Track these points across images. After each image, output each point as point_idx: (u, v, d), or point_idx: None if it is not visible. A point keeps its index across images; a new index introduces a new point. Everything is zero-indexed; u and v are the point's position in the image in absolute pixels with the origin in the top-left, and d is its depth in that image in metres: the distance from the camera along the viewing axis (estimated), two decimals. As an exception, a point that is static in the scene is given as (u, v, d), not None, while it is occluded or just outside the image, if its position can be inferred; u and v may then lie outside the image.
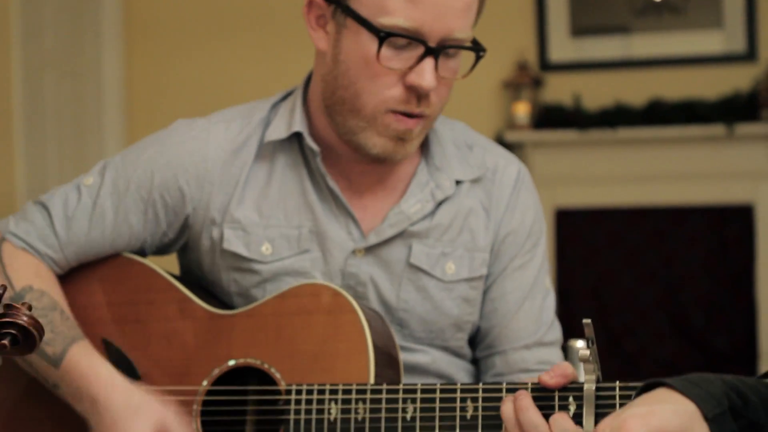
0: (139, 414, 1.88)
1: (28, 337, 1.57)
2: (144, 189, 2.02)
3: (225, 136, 2.04)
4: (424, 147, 2.07)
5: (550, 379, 1.72)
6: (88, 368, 1.92)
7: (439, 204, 2.04)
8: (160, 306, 2.02)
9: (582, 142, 5.91)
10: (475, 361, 2.14)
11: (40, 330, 1.57)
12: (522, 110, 5.82)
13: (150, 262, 2.06)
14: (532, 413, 1.68)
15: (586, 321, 1.69)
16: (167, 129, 2.09)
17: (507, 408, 1.70)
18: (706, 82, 5.86)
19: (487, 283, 2.08)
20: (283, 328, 1.93)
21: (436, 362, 2.06)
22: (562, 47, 6.00)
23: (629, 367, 5.73)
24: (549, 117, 5.89)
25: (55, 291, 2.00)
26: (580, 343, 2.30)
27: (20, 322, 1.55)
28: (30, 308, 1.57)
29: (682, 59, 5.93)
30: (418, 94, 1.91)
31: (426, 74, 1.89)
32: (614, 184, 5.93)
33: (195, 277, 2.09)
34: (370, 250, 2.02)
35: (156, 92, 6.14)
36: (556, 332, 2.12)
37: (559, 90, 5.94)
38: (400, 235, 2.02)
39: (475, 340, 2.12)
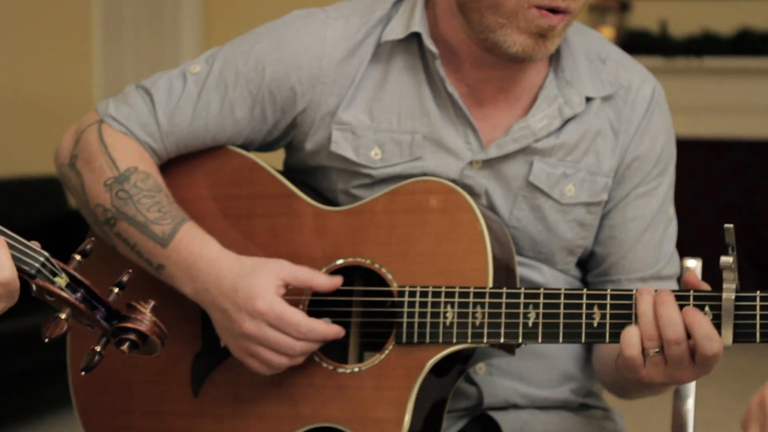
0: (258, 270, 1.79)
1: (149, 344, 1.50)
2: (253, 84, 1.91)
3: (342, 34, 1.91)
4: (554, 57, 1.92)
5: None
6: (200, 246, 1.83)
7: (567, 121, 1.90)
8: (263, 201, 1.91)
9: (667, 70, 5.77)
10: (583, 282, 2.02)
11: (163, 336, 1.50)
12: (607, 35, 5.69)
13: (252, 155, 1.95)
14: (673, 309, 1.62)
15: (728, 226, 1.60)
16: (282, 20, 1.96)
17: (645, 302, 1.64)
18: (798, 12, 5.71)
19: (606, 208, 1.95)
20: (394, 226, 1.82)
21: (548, 282, 1.95)
22: (650, -29, 5.85)
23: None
24: (634, 43, 5.76)
25: (158, 176, 1.91)
26: (691, 262, 2.20)
27: (142, 329, 1.47)
28: (155, 309, 1.50)
29: (774, -13, 5.77)
30: None
31: None
32: (697, 115, 5.80)
33: (299, 172, 1.98)
34: (488, 162, 1.89)
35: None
36: (674, 266, 1.99)
37: (645, 16, 5.80)
38: (522, 151, 1.89)
39: (587, 264, 2.00)
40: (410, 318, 1.76)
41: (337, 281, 1.82)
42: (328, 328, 1.79)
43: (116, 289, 1.51)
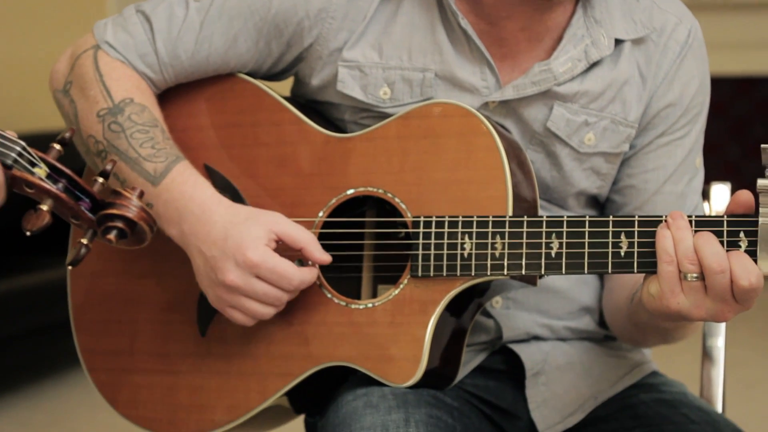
0: (251, 221, 1.69)
1: (137, 232, 1.41)
2: (258, 16, 1.80)
3: None
4: None
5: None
6: (193, 187, 1.73)
7: (593, 65, 1.78)
8: (268, 128, 1.82)
9: (692, 6, 5.62)
10: None
11: (152, 223, 1.44)
12: (629, -31, 5.57)
13: (259, 81, 1.85)
14: (714, 241, 1.51)
15: (765, 146, 1.49)
16: None
17: (681, 227, 1.53)
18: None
19: (626, 155, 1.84)
20: (408, 152, 1.72)
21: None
22: None
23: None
24: (657, -23, 5.64)
25: (155, 108, 1.81)
26: (719, 187, 2.10)
27: (129, 215, 1.40)
28: (141, 195, 1.44)
29: None
30: None
31: None
32: (722, 51, 5.66)
33: (306, 99, 1.88)
34: (505, 104, 1.78)
35: None
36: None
37: (668, -52, 5.68)
38: (542, 95, 1.77)
39: (604, 209, 1.90)
40: (426, 250, 1.67)
41: (326, 259, 1.71)
42: (314, 276, 1.71)
43: (101, 179, 1.44)
